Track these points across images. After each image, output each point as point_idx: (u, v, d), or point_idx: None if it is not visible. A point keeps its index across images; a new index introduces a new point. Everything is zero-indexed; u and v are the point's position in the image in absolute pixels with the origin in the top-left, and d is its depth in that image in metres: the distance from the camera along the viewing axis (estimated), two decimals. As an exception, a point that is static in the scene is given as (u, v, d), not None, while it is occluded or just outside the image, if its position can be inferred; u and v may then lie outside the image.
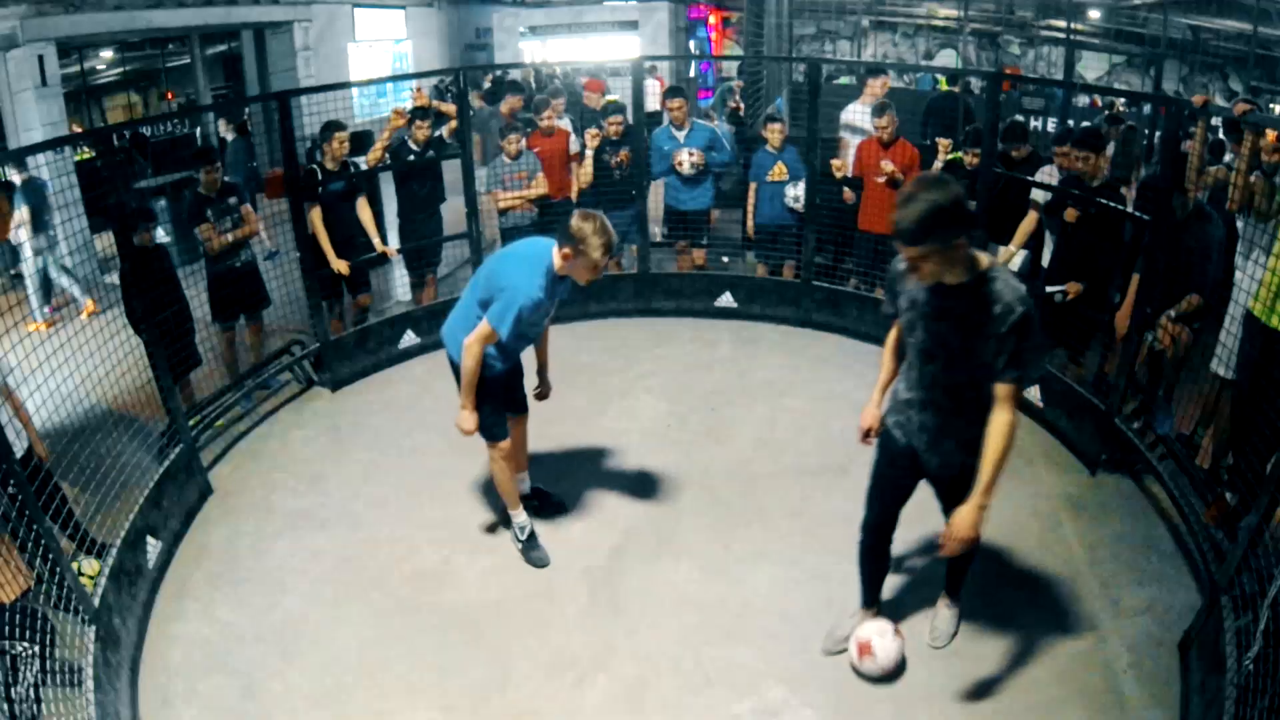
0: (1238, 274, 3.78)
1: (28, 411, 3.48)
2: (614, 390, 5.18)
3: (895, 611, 3.29)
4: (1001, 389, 2.43)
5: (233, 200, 5.10)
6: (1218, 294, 4.00)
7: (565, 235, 3.17)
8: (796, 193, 5.90)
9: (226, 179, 5.30)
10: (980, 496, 2.48)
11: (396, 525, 4.02)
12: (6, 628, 2.63)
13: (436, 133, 6.00)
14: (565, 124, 6.69)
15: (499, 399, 3.55)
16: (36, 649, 2.65)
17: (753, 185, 6.17)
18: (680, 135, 6.13)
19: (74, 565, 3.27)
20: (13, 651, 2.57)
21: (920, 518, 3.15)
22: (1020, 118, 7.88)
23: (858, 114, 6.12)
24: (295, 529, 4.03)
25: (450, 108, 6.00)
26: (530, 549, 3.75)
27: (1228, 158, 4.89)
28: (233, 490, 4.36)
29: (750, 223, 6.26)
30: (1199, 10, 14.59)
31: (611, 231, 3.16)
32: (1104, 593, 3.46)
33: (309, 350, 5.35)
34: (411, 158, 5.86)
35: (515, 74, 12.96)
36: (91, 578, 3.34)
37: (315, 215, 5.24)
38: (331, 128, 5.31)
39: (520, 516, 3.77)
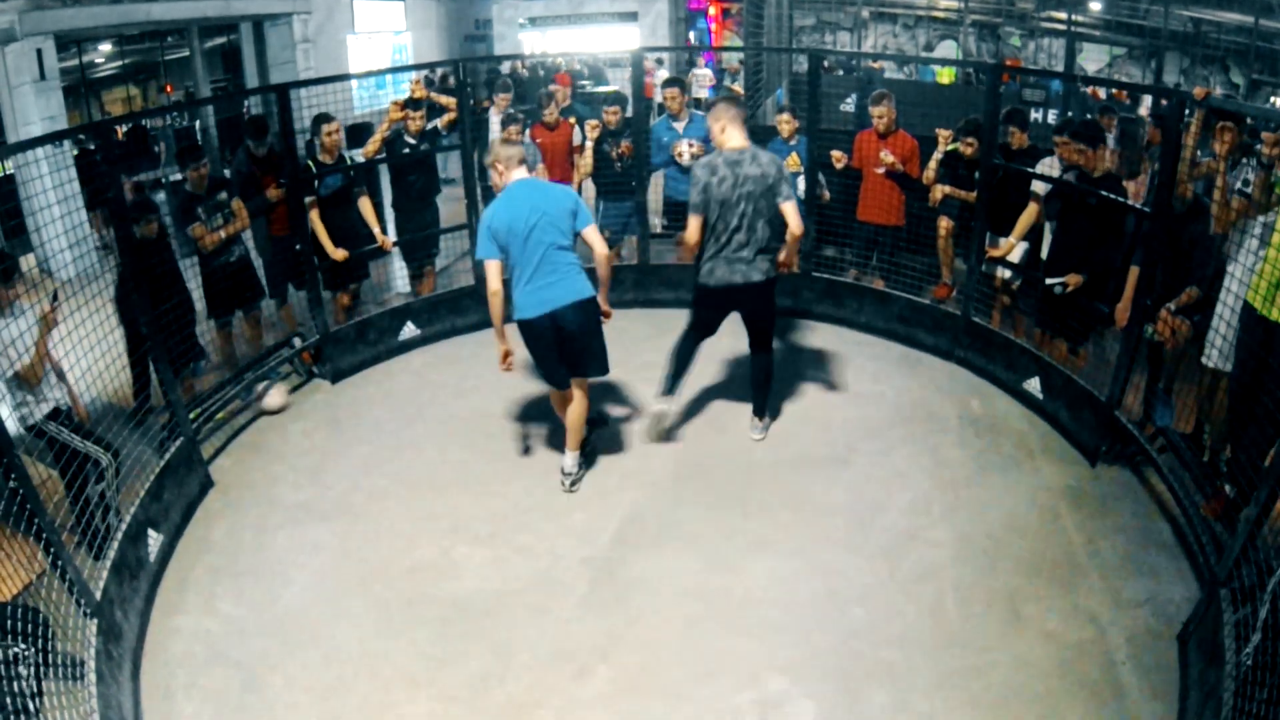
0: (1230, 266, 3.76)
1: (69, 378, 3.60)
2: (614, 382, 5.18)
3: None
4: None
5: (222, 195, 5.08)
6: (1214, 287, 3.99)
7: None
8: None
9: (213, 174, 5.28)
10: None
11: (397, 517, 4.03)
12: (8, 621, 2.63)
13: (431, 124, 5.97)
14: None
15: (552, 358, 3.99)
16: (36, 646, 2.65)
17: None
18: (679, 126, 6.11)
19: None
20: (14, 649, 2.57)
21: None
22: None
23: None
24: (296, 522, 4.04)
25: (449, 100, 5.97)
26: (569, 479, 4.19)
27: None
28: (233, 483, 4.36)
29: None
30: (1200, 2, 14.56)
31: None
32: (1103, 585, 3.47)
33: (309, 342, 5.35)
34: (406, 150, 5.84)
35: (504, 67, 12.97)
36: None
37: (314, 214, 5.22)
38: (321, 120, 5.28)
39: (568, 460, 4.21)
